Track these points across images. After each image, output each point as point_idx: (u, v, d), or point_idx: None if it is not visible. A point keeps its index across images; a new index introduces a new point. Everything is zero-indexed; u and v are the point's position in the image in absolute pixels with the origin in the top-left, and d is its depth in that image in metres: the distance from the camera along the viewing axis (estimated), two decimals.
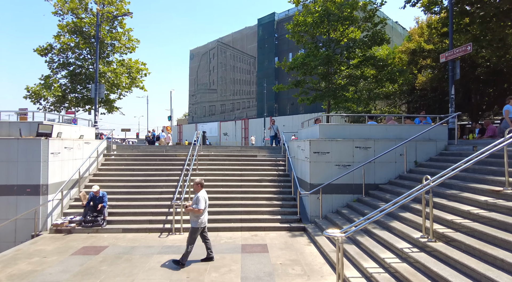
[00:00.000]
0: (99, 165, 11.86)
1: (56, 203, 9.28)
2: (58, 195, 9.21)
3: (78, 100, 16.71)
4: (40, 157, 8.81)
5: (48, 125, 9.20)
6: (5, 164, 8.79)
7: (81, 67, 16.84)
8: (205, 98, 55.99)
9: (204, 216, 6.53)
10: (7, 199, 8.75)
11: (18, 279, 5.75)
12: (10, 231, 8.67)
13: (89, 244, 7.74)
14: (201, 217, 6.45)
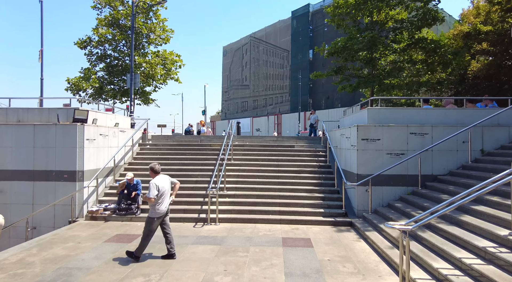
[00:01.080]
0: (134, 154, 11.72)
1: (92, 190, 9.16)
2: (93, 182, 9.08)
3: (115, 92, 16.92)
4: (76, 143, 8.70)
5: (84, 111, 9.09)
6: (44, 149, 8.78)
7: (117, 59, 17.03)
8: (237, 94, 55.93)
9: (162, 205, 5.70)
10: (47, 184, 8.75)
11: (51, 263, 5.49)
12: (49, 216, 8.66)
13: (122, 232, 7.45)
14: (157, 206, 5.64)
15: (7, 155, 8.84)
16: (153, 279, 4.86)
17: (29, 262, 5.54)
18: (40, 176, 8.76)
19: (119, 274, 5.07)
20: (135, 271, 5.18)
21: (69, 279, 4.87)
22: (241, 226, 7.95)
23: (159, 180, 5.77)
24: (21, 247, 6.37)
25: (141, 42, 17.03)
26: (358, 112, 10.15)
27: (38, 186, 8.75)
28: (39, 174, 8.76)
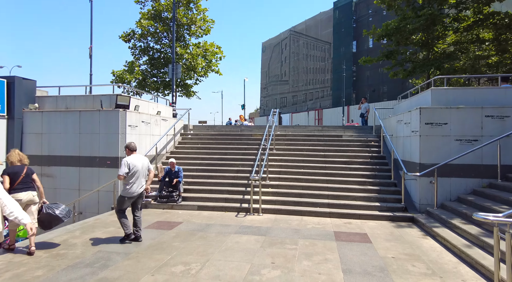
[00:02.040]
0: (176, 143, 11.57)
1: None
2: None
3: (157, 84, 17.14)
4: (118, 129, 8.65)
5: (126, 97, 9.02)
6: (89, 136, 8.86)
7: (159, 52, 17.23)
8: (276, 90, 55.23)
9: (133, 185, 5.42)
10: (91, 170, 8.81)
11: (92, 245, 5.29)
12: (94, 202, 8.71)
13: (163, 219, 7.17)
14: (128, 185, 5.40)
15: (57, 141, 9.05)
16: (194, 268, 4.40)
17: (71, 244, 5.40)
18: (85, 162, 8.84)
19: (158, 261, 4.68)
20: (175, 259, 4.77)
21: (108, 263, 4.59)
22: (286, 218, 7.30)
23: (132, 158, 5.50)
24: (66, 230, 6.31)
25: (182, 34, 17.04)
26: (418, 95, 8.98)
27: (84, 172, 8.84)
28: (84, 160, 8.85)
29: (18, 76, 9.08)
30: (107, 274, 4.22)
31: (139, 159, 5.62)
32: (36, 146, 9.15)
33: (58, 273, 4.21)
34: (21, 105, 9.18)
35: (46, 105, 9.67)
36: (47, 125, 9.10)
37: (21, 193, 5.07)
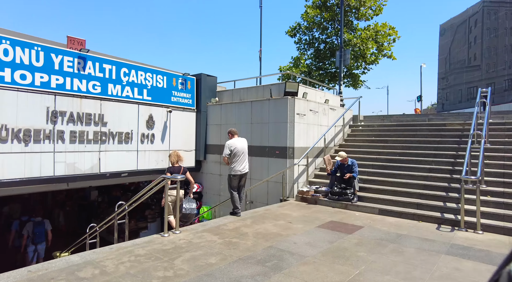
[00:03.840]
0: (345, 135, 10.23)
1: (302, 169, 8.34)
2: (303, 160, 8.22)
3: (322, 76, 16.34)
4: (286, 117, 8.11)
5: (294, 84, 8.41)
6: (259, 125, 8.77)
7: (325, 42, 16.37)
8: (460, 79, 44.78)
9: (236, 164, 5.99)
10: (261, 160, 8.68)
11: (263, 238, 4.68)
12: (263, 192, 8.53)
13: (337, 220, 5.96)
14: (232, 165, 5.99)
15: None
16: None
17: (243, 233, 4.97)
18: (256, 151, 8.80)
19: (343, 274, 3.47)
20: (365, 276, 3.43)
21: (280, 264, 3.74)
22: None
23: (233, 141, 6.06)
24: (238, 217, 6.09)
25: (349, 20, 15.57)
26: None
27: (255, 161, 8.81)
28: (255, 150, 8.82)
29: (204, 74, 10.13)
30: (280, 279, 3.33)
31: (239, 141, 6.14)
32: (216, 136, 9.91)
33: (230, 266, 3.66)
34: (206, 100, 10.17)
35: (224, 98, 10.40)
36: (224, 117, 9.69)
37: (174, 190, 5.62)
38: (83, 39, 7.74)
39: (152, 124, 8.77)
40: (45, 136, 6.69)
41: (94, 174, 7.58)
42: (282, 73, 11.08)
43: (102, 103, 7.68)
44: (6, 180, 6.16)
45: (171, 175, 5.21)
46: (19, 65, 6.31)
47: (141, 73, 8.53)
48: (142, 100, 8.54)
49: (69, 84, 7.07)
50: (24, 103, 6.38)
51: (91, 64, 7.45)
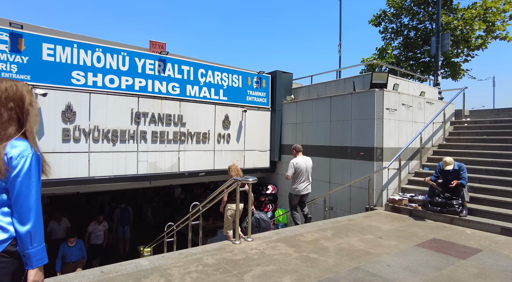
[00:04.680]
0: (446, 134, 8.57)
1: (393, 173, 7.17)
2: (394, 164, 7.05)
3: (413, 67, 14.31)
4: (373, 113, 7.06)
5: (383, 74, 7.28)
6: (340, 123, 7.89)
7: (416, 29, 14.31)
8: None
9: (298, 184, 5.96)
10: (342, 162, 7.79)
11: (347, 256, 3.92)
12: (345, 199, 7.63)
13: (442, 238, 4.79)
14: (294, 184, 6.00)
15: (309, 130, 8.78)
16: None
17: (322, 247, 4.28)
18: (336, 152, 7.93)
19: None
20: None
21: None
22: None
23: (298, 160, 5.97)
24: (317, 226, 5.41)
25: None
26: None
27: (334, 164, 7.96)
28: (334, 150, 7.97)
29: (279, 71, 9.67)
30: None
31: (304, 160, 6.06)
32: (291, 136, 9.34)
33: None
34: (281, 98, 9.70)
35: (300, 95, 9.77)
36: (300, 115, 9.06)
37: (234, 204, 5.52)
38: (164, 43, 8.03)
39: (228, 124, 8.67)
40: (130, 136, 7.07)
41: (174, 173, 7.77)
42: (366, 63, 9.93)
43: (181, 104, 7.84)
44: (98, 177, 6.66)
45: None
46: (108, 70, 6.77)
47: (218, 74, 8.49)
48: (219, 100, 8.50)
49: (151, 86, 7.36)
50: (112, 105, 6.83)
51: (170, 66, 7.66)
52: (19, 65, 5.78)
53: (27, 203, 1.52)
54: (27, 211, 1.52)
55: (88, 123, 6.53)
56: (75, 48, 6.35)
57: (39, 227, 1.57)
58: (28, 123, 1.64)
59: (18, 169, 1.51)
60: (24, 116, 1.63)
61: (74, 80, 6.35)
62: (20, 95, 1.64)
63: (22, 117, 1.63)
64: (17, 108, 1.61)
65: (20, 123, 1.62)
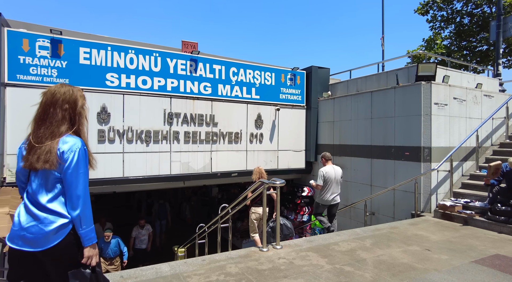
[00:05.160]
0: (510, 131, 7.48)
1: (443, 176, 6.39)
2: (444, 165, 6.28)
3: (467, 57, 12.87)
4: (420, 108, 6.34)
5: (430, 65, 6.51)
6: (381, 121, 7.23)
7: (470, 14, 12.85)
8: None
9: (326, 194, 5.79)
10: (385, 163, 7.13)
11: (387, 271, 3.44)
12: (388, 203, 6.98)
13: (509, 254, 4.06)
14: (322, 193, 5.83)
15: (347, 128, 8.21)
16: None
17: (359, 259, 3.83)
18: (377, 152, 7.29)
19: None
20: None
21: None
22: None
23: (328, 169, 5.85)
24: (354, 234, 4.92)
25: None
26: None
27: (376, 165, 7.32)
28: (376, 150, 7.33)
29: (315, 66, 9.19)
30: None
31: (334, 169, 5.89)
32: (328, 135, 8.81)
33: None
34: (317, 94, 9.20)
35: (337, 91, 9.19)
36: (338, 112, 8.50)
37: (259, 208, 5.70)
38: (196, 42, 7.99)
39: (261, 123, 8.40)
40: (163, 136, 7.10)
41: (206, 174, 7.69)
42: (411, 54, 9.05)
43: (213, 104, 7.73)
44: (132, 177, 6.76)
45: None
46: (141, 72, 6.85)
47: (249, 72, 8.26)
48: (251, 99, 8.27)
49: (183, 86, 7.34)
50: (145, 106, 6.90)
51: (202, 66, 7.58)
52: (58, 69, 6.03)
53: (76, 191, 1.77)
54: (76, 198, 1.77)
55: (122, 124, 6.65)
56: (109, 50, 6.50)
57: (88, 212, 1.81)
58: (78, 123, 1.90)
59: (68, 162, 1.75)
60: (75, 117, 1.89)
61: (108, 82, 6.50)
62: (74, 98, 1.91)
63: (74, 118, 1.88)
64: (70, 110, 1.87)
65: (72, 122, 1.88)
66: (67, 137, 1.81)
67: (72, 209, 1.77)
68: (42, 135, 1.79)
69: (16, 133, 5.66)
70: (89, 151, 1.89)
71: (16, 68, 5.69)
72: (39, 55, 5.86)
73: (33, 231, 1.72)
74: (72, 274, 1.76)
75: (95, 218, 2.38)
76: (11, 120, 5.63)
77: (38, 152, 1.74)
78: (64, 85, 1.94)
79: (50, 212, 1.75)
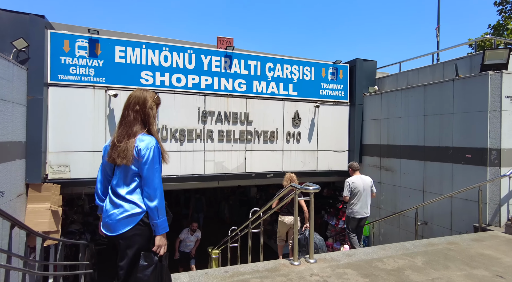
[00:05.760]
0: None
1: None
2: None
3: None
4: (486, 103, 5.38)
5: (501, 51, 5.49)
6: (437, 118, 6.33)
7: None
8: None
9: (355, 206, 5.58)
10: (440, 167, 6.23)
11: None
12: (444, 212, 6.08)
13: None
14: (350, 206, 5.66)
15: (396, 127, 7.37)
16: None
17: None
18: (431, 154, 6.40)
19: None
20: None
21: None
22: None
23: (355, 179, 5.66)
24: (403, 248, 4.25)
25: None
26: None
27: (430, 168, 6.44)
28: (430, 152, 6.44)
29: (359, 59, 8.40)
30: None
31: (362, 180, 5.64)
32: (375, 134, 8.02)
33: None
34: (362, 90, 8.43)
35: (385, 86, 8.33)
36: (386, 109, 7.67)
37: (286, 217, 5.61)
38: (231, 38, 7.73)
39: (298, 121, 7.90)
40: (197, 135, 6.94)
41: (241, 174, 7.41)
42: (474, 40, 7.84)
43: (247, 101, 7.41)
44: (166, 176, 6.68)
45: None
46: (175, 69, 6.75)
47: (287, 66, 7.80)
48: (288, 96, 7.81)
49: (217, 83, 7.11)
50: (179, 104, 6.79)
51: (236, 62, 7.29)
52: (96, 68, 6.13)
53: (152, 184, 1.98)
54: (153, 190, 1.98)
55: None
56: (143, 48, 6.47)
57: (162, 204, 2.02)
58: (148, 123, 2.11)
59: (145, 158, 1.97)
60: (145, 117, 2.10)
61: (143, 80, 6.48)
62: (143, 100, 2.11)
63: (145, 118, 2.09)
64: (140, 111, 2.08)
65: (144, 122, 2.09)
66: (143, 136, 2.04)
67: (149, 200, 1.98)
68: (120, 134, 2.05)
69: (57, 131, 5.85)
70: (163, 148, 2.11)
71: (58, 69, 5.87)
72: (78, 55, 5.99)
73: (111, 217, 1.99)
74: (144, 255, 1.95)
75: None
76: (52, 119, 5.83)
77: (118, 150, 1.99)
78: (139, 89, 2.18)
79: (127, 201, 1.99)
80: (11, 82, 4.88)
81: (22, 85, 5.36)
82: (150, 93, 2.16)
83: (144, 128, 2.08)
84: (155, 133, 2.13)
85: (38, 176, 5.52)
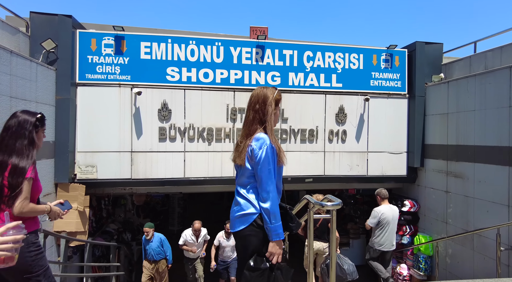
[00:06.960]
0: None
1: None
2: None
3: None
4: None
5: None
6: (494, 111, 4.76)
7: None
8: None
9: (380, 237, 5.27)
10: (495, 170, 4.68)
11: None
12: None
13: None
14: (374, 236, 5.35)
15: (468, 123, 5.84)
16: None
17: None
18: (486, 155, 4.85)
19: None
20: None
21: None
22: None
23: (384, 208, 5.39)
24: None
25: None
26: None
27: None
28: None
29: (420, 42, 6.94)
30: None
31: (391, 210, 5.42)
32: (440, 132, 6.53)
33: None
34: (423, 79, 6.97)
35: (454, 72, 6.75)
36: (454, 101, 6.17)
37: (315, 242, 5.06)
38: (266, 27, 7.00)
39: (343, 117, 6.83)
40: (225, 134, 6.39)
41: None
42: None
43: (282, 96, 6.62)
44: (193, 178, 6.28)
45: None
46: (202, 64, 6.29)
47: (329, 55, 6.79)
48: (330, 88, 6.80)
49: (247, 77, 6.47)
50: (207, 101, 6.31)
51: (269, 53, 6.55)
52: (121, 66, 5.97)
53: (265, 186, 1.92)
54: (266, 192, 1.92)
55: (183, 121, 6.22)
56: (169, 43, 6.13)
57: (276, 207, 1.93)
58: (266, 121, 2.04)
59: (257, 158, 1.93)
60: (264, 115, 2.05)
61: (169, 76, 6.15)
62: (263, 97, 2.08)
63: (263, 117, 2.05)
64: (259, 110, 2.06)
65: (262, 121, 2.05)
66: (259, 134, 2.00)
67: (262, 201, 1.93)
68: (242, 134, 2.11)
69: (84, 131, 5.82)
70: (279, 148, 2.03)
71: (85, 68, 5.84)
72: (104, 53, 5.89)
73: (232, 214, 2.05)
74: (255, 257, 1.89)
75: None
76: (80, 118, 5.81)
77: (238, 150, 2.05)
78: (260, 87, 2.17)
79: (244, 199, 2.00)
80: (34, 82, 4.88)
81: (50, 85, 5.39)
82: (270, 90, 2.12)
83: (260, 127, 2.04)
84: (269, 131, 2.04)
85: (66, 176, 5.52)
